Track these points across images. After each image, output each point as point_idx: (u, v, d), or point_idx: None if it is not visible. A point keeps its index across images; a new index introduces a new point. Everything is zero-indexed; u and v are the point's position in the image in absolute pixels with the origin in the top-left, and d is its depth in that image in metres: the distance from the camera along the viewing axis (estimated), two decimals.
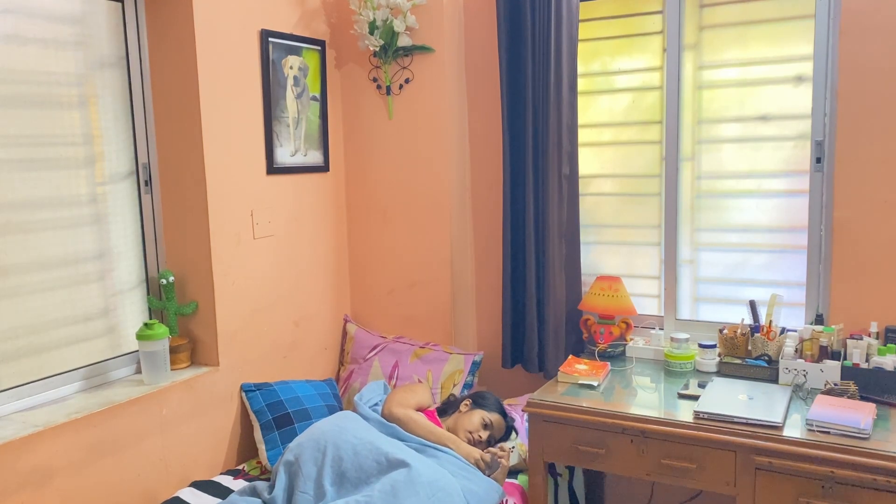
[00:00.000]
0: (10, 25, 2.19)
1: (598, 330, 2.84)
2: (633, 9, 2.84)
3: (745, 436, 2.07)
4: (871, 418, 2.05)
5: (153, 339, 2.44)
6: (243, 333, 2.75)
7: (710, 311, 2.83)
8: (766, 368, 2.45)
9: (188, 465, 2.55)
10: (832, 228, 2.49)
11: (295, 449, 2.30)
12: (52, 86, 2.32)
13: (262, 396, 2.70)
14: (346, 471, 2.19)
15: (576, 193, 2.86)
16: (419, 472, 2.14)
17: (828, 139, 2.51)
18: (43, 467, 2.10)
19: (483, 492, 2.25)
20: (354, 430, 2.32)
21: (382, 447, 2.24)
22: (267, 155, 2.80)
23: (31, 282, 2.28)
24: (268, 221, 2.83)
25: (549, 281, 2.84)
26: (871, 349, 2.33)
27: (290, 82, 2.88)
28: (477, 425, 2.52)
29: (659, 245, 2.88)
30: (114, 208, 2.53)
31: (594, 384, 2.46)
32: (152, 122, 2.61)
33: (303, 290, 3.03)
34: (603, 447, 2.27)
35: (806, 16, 2.54)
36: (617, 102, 2.91)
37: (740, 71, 2.68)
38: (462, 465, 2.34)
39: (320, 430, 2.35)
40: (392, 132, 3.10)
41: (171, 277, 2.60)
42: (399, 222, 3.15)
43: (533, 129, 2.82)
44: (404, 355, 3.03)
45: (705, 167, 2.77)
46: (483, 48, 3.01)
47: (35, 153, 2.28)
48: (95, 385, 2.44)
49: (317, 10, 3.02)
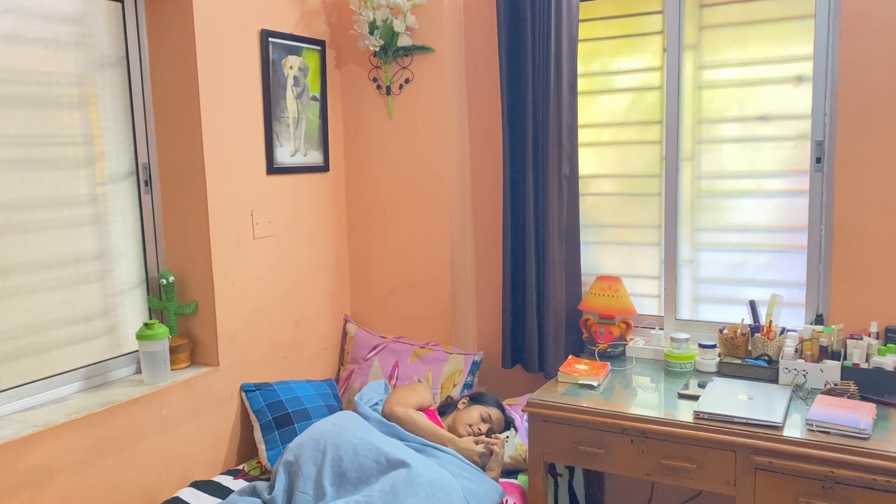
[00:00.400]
0: (10, 25, 2.19)
1: (598, 330, 2.84)
2: (633, 9, 2.84)
3: (745, 436, 2.07)
4: (871, 418, 2.05)
5: (153, 339, 2.44)
6: (243, 333, 2.75)
7: (710, 311, 2.83)
8: (766, 368, 2.45)
9: (188, 465, 2.55)
10: (832, 228, 2.49)
11: (295, 449, 2.30)
12: (52, 86, 2.32)
13: (262, 396, 2.70)
14: (346, 471, 2.19)
15: (576, 193, 2.86)
16: (419, 472, 2.14)
17: (828, 139, 2.51)
18: (43, 467, 2.10)
19: (483, 492, 2.25)
20: (354, 430, 2.32)
21: (382, 447, 2.24)
22: (267, 155, 2.80)
23: (31, 282, 2.28)
24: (268, 221, 2.83)
25: (549, 281, 2.84)
26: (871, 349, 2.33)
27: (290, 82, 2.88)
28: (476, 419, 2.54)
29: (659, 245, 2.88)
30: (114, 208, 2.53)
31: (594, 384, 2.46)
32: (152, 122, 2.61)
33: (303, 290, 3.03)
34: (603, 447, 2.27)
35: (806, 16, 2.54)
36: (617, 102, 2.91)
37: (740, 71, 2.68)
38: (462, 464, 2.34)
39: (320, 430, 2.35)
40: (392, 132, 3.10)
41: (171, 277, 2.60)
42: (399, 222, 3.15)
43: (533, 129, 2.82)
44: (404, 355, 3.03)
45: (705, 167, 2.77)
46: (483, 48, 3.01)
47: (35, 153, 2.28)
48: (95, 385, 2.44)
49: (317, 10, 3.02)
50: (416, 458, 2.23)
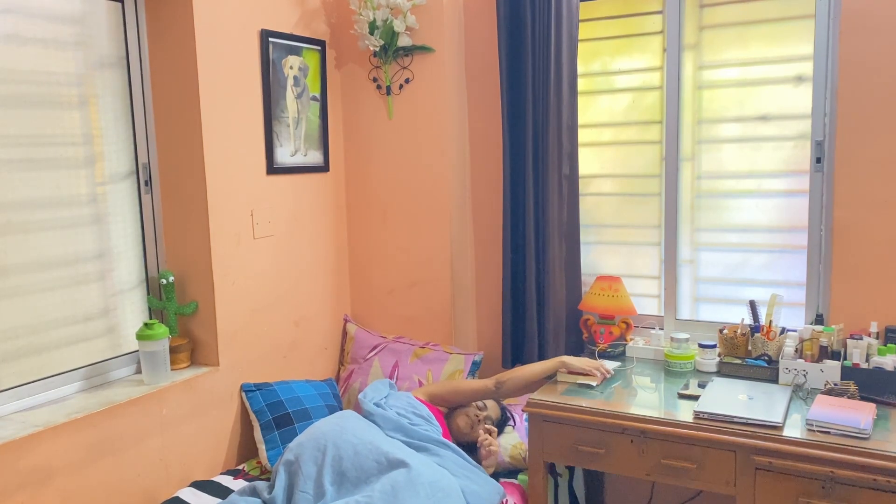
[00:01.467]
0: (10, 25, 2.19)
1: (598, 330, 2.84)
2: (633, 9, 2.84)
3: (745, 436, 2.07)
4: (871, 418, 2.05)
5: (153, 339, 2.44)
6: (243, 333, 2.75)
7: (710, 311, 2.83)
8: (766, 368, 2.45)
9: (188, 465, 2.55)
10: (832, 228, 2.49)
11: (295, 448, 2.30)
12: (52, 86, 2.32)
13: (262, 396, 2.70)
14: (347, 470, 2.19)
15: (576, 193, 2.86)
16: (419, 472, 2.14)
17: (828, 139, 2.51)
18: (43, 467, 2.10)
19: (484, 491, 2.25)
20: (354, 430, 2.32)
21: (382, 447, 2.24)
22: (267, 155, 2.80)
23: (31, 282, 2.28)
24: (268, 221, 2.83)
25: (549, 281, 2.84)
26: (871, 349, 2.33)
27: (290, 82, 2.88)
28: (472, 406, 2.62)
29: (659, 245, 2.88)
30: (114, 208, 2.53)
31: (593, 384, 2.46)
32: (152, 122, 2.61)
33: (303, 290, 3.03)
34: (603, 447, 2.27)
35: (806, 16, 2.54)
36: (617, 102, 2.91)
37: (740, 71, 2.68)
38: (464, 463, 2.35)
39: (320, 429, 2.35)
40: (392, 132, 3.10)
41: (171, 277, 2.60)
42: (399, 222, 3.15)
43: (533, 129, 2.82)
44: (404, 355, 3.03)
45: (705, 167, 2.77)
46: (483, 48, 3.01)
47: (35, 153, 2.28)
48: (95, 385, 2.44)
49: (317, 10, 3.02)
50: (417, 457, 2.23)
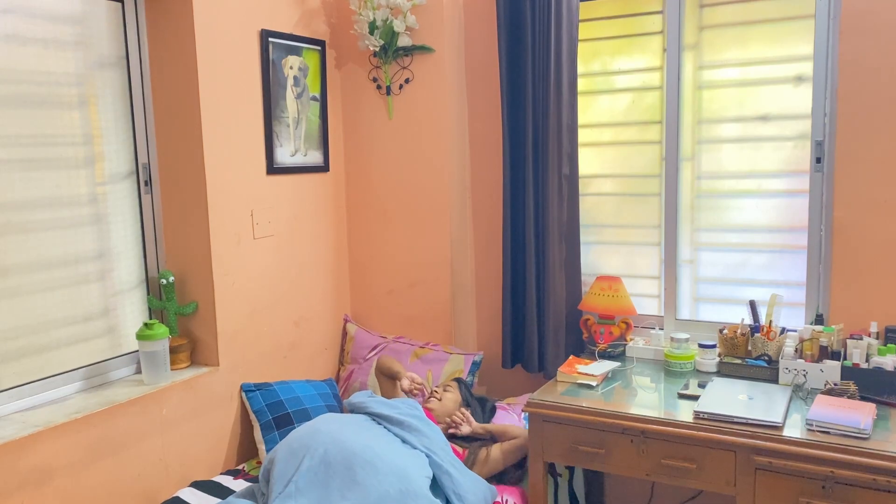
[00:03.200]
0: (10, 25, 2.19)
1: (598, 330, 2.84)
2: (633, 9, 2.84)
3: (744, 436, 2.07)
4: (871, 418, 2.05)
5: (153, 339, 2.44)
6: (243, 333, 2.75)
7: (710, 311, 2.83)
8: (766, 368, 2.45)
9: (188, 465, 2.55)
10: (832, 228, 2.49)
11: (271, 453, 2.30)
12: (52, 86, 2.32)
13: (262, 396, 2.70)
14: (317, 471, 2.18)
15: (576, 193, 2.86)
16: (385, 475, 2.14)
17: (828, 139, 2.51)
18: (43, 467, 2.10)
19: (468, 488, 2.25)
20: (329, 431, 2.31)
21: (353, 447, 2.22)
22: (267, 155, 2.80)
23: (31, 282, 2.28)
24: (268, 221, 2.83)
25: (549, 281, 2.84)
26: (871, 349, 2.33)
27: (290, 82, 2.88)
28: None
29: (659, 245, 2.88)
30: (114, 208, 2.53)
31: (592, 384, 2.46)
32: (152, 122, 2.61)
33: (303, 291, 3.03)
34: (603, 447, 2.26)
35: (806, 16, 2.53)
36: (617, 102, 2.91)
37: (740, 71, 2.68)
38: (449, 448, 2.35)
39: (297, 434, 2.33)
40: (392, 132, 3.10)
41: (171, 277, 2.60)
42: (399, 222, 3.15)
43: (533, 129, 2.82)
44: (404, 355, 3.03)
45: (705, 167, 2.77)
46: (483, 48, 3.01)
47: (35, 153, 2.28)
48: (95, 385, 2.45)
49: (317, 10, 3.02)
50: (387, 458, 2.20)
